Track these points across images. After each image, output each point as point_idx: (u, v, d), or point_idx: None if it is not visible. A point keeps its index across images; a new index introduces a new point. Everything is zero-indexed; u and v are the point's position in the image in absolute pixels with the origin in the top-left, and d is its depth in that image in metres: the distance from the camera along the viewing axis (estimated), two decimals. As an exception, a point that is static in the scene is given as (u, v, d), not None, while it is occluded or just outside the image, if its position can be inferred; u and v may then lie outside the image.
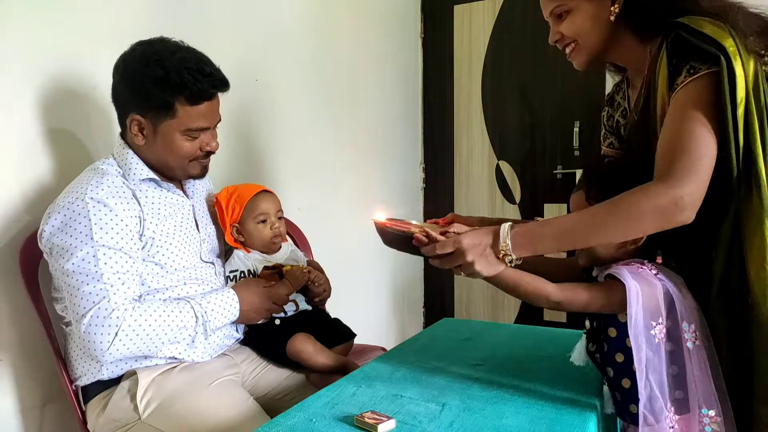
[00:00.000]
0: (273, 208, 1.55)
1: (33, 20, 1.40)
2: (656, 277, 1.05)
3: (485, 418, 1.03)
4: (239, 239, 1.54)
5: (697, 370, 1.01)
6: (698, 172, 0.98)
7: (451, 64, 3.18)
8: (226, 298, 1.38)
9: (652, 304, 1.02)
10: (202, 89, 1.31)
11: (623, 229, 1.01)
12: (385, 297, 2.96)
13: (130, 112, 1.32)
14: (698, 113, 1.00)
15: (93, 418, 1.32)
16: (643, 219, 0.99)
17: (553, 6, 1.19)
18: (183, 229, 1.41)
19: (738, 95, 0.98)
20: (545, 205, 2.99)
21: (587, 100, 2.72)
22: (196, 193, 1.51)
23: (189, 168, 1.39)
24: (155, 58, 1.28)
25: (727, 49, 0.98)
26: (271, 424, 1.02)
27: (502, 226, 1.06)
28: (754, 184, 0.99)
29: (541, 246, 1.05)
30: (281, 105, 2.19)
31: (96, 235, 1.23)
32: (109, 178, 1.31)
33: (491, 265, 1.06)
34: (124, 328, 1.21)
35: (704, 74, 1.01)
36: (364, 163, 2.75)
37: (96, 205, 1.25)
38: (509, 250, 1.04)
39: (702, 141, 0.99)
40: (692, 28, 1.02)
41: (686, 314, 1.03)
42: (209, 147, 1.39)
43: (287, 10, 2.22)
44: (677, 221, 0.99)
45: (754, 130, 0.99)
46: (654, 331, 1.02)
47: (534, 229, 1.06)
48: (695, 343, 1.02)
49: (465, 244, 1.05)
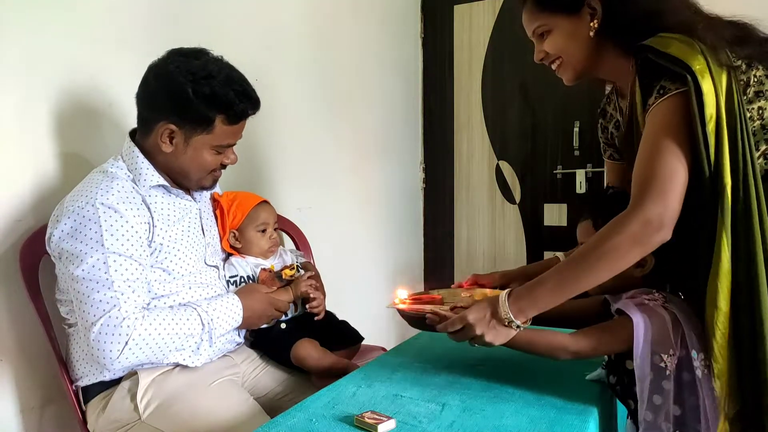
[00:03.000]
0: (272, 218, 1.59)
1: (36, 24, 1.40)
2: (663, 307, 1.05)
3: (485, 418, 1.03)
4: (235, 245, 1.55)
5: (708, 400, 1.00)
6: (665, 192, 0.99)
7: (451, 64, 3.17)
8: (231, 304, 1.38)
9: (662, 336, 1.02)
10: (244, 110, 1.35)
11: (610, 265, 1.02)
12: (386, 297, 2.95)
13: (164, 120, 1.31)
14: (667, 135, 1.01)
15: (93, 418, 1.32)
16: (622, 250, 1.01)
17: (534, 26, 1.22)
18: (190, 233, 1.41)
19: (707, 112, 0.98)
20: (545, 205, 2.99)
21: (587, 101, 2.71)
22: (203, 196, 1.52)
23: (204, 180, 1.41)
24: (203, 74, 1.28)
25: (693, 68, 0.99)
26: (271, 424, 1.02)
27: (501, 295, 1.10)
28: (720, 203, 0.99)
29: (540, 305, 1.08)
30: (281, 105, 2.19)
31: (107, 242, 1.22)
32: (119, 182, 1.30)
33: (500, 334, 1.10)
34: (134, 337, 1.20)
35: (674, 94, 1.02)
36: (364, 163, 2.75)
37: (107, 211, 1.24)
38: (511, 317, 1.08)
39: (669, 162, 1.00)
40: (658, 50, 1.02)
41: (696, 342, 1.02)
42: (229, 161, 1.41)
43: (287, 10, 2.22)
44: (653, 242, 1.00)
45: (722, 145, 0.99)
46: (663, 363, 1.01)
47: (530, 291, 1.09)
48: (704, 372, 1.01)
49: (471, 319, 1.09)
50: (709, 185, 1.00)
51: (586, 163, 2.84)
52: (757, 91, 1.05)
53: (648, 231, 0.99)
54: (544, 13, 1.20)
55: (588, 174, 2.84)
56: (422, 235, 3.29)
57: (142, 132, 1.37)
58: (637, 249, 1.01)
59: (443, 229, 3.25)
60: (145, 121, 1.36)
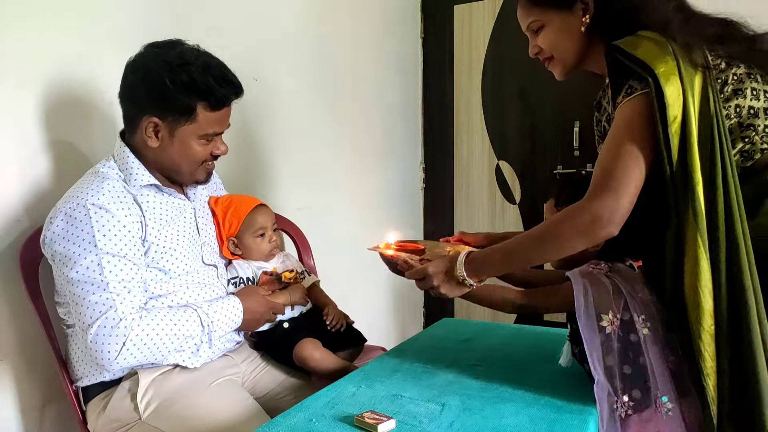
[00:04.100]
0: (269, 221, 1.58)
1: (33, 23, 1.40)
2: (606, 275, 1.15)
3: (485, 418, 1.03)
4: (236, 252, 1.55)
5: (653, 355, 1.05)
6: (618, 189, 1.03)
7: (451, 64, 3.18)
8: (231, 306, 1.38)
9: (602, 299, 1.10)
10: (225, 96, 1.32)
11: (556, 249, 1.11)
12: (385, 297, 2.95)
13: (146, 114, 1.30)
14: (628, 134, 1.05)
15: (93, 418, 1.32)
16: (569, 238, 1.07)
17: (528, 21, 1.25)
18: (184, 233, 1.41)
19: (670, 113, 1.00)
20: (545, 205, 2.98)
21: (587, 100, 2.67)
22: (197, 195, 1.51)
23: (197, 173, 1.39)
24: (180, 62, 1.27)
25: (657, 71, 1.01)
26: (271, 424, 1.02)
27: (460, 255, 1.18)
28: (690, 202, 1.00)
29: (490, 270, 1.18)
30: (281, 105, 2.19)
31: (99, 242, 1.22)
32: (109, 182, 1.30)
33: (453, 289, 1.20)
34: (132, 338, 1.20)
35: (640, 94, 1.05)
36: (364, 163, 2.75)
37: (98, 211, 1.23)
38: (464, 276, 1.17)
39: (627, 162, 1.04)
40: (625, 51, 1.05)
41: (638, 306, 1.09)
42: (219, 151, 1.39)
43: (287, 10, 2.22)
44: (600, 236, 1.05)
45: (691, 145, 1.00)
46: (604, 323, 1.09)
47: (484, 256, 1.17)
48: (646, 333, 1.07)
49: (430, 271, 1.20)
50: (675, 184, 1.02)
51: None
52: (736, 89, 1.06)
53: (596, 226, 1.04)
54: (537, 8, 1.22)
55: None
56: (422, 235, 3.29)
57: (129, 130, 1.36)
58: (583, 240, 1.06)
59: (443, 229, 3.25)
60: (129, 118, 1.35)
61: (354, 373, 1.29)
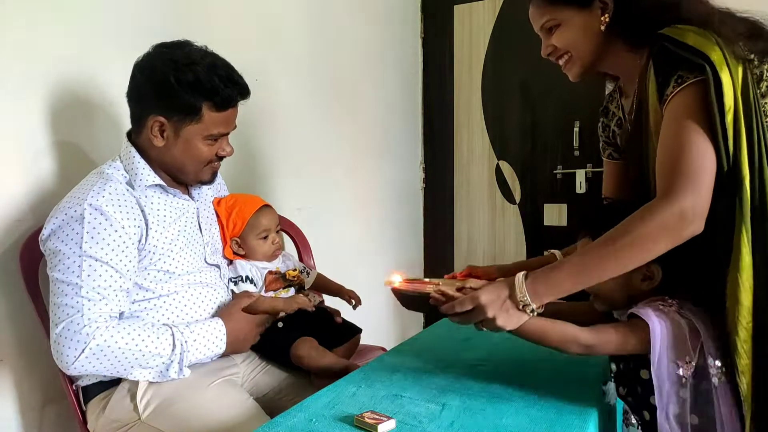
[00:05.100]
0: (273, 223, 1.58)
1: (37, 22, 1.40)
2: (678, 313, 1.02)
3: (485, 418, 1.03)
4: (239, 252, 1.55)
5: (724, 407, 0.98)
6: (697, 182, 0.97)
7: (451, 64, 3.18)
8: (213, 329, 1.33)
9: (679, 342, 0.99)
10: (231, 96, 1.32)
11: (636, 254, 0.99)
12: (385, 297, 2.95)
13: (152, 114, 1.30)
14: (691, 122, 0.99)
15: (93, 418, 1.32)
16: (652, 239, 0.97)
17: (544, 20, 1.20)
18: (186, 233, 1.40)
19: (726, 103, 0.97)
20: (545, 205, 2.99)
21: (588, 100, 2.70)
22: (202, 195, 1.51)
23: (202, 173, 1.39)
24: (186, 62, 1.27)
25: (711, 59, 0.97)
26: (271, 424, 1.02)
27: (517, 277, 1.04)
28: (738, 193, 0.97)
29: (558, 289, 1.03)
30: (281, 105, 2.19)
31: (86, 244, 1.21)
32: (112, 184, 1.29)
33: (513, 318, 1.04)
34: (91, 346, 1.18)
35: (692, 83, 1.00)
36: (364, 163, 2.75)
37: (93, 212, 1.23)
38: (528, 300, 1.03)
39: (698, 150, 0.98)
40: (676, 39, 1.01)
41: (713, 350, 0.99)
42: (224, 152, 1.39)
43: (287, 9, 2.22)
44: (686, 234, 0.97)
45: (740, 136, 0.97)
46: (680, 371, 0.99)
47: (548, 274, 1.04)
48: (721, 380, 0.99)
49: (483, 300, 1.03)
50: (727, 178, 0.98)
51: (586, 163, 2.84)
52: None
53: (682, 223, 0.96)
54: (554, 7, 1.18)
55: (588, 174, 2.84)
56: (422, 235, 3.30)
57: (135, 130, 1.37)
58: (668, 239, 0.97)
59: (443, 229, 3.25)
60: (136, 117, 1.36)
61: (354, 373, 1.29)
